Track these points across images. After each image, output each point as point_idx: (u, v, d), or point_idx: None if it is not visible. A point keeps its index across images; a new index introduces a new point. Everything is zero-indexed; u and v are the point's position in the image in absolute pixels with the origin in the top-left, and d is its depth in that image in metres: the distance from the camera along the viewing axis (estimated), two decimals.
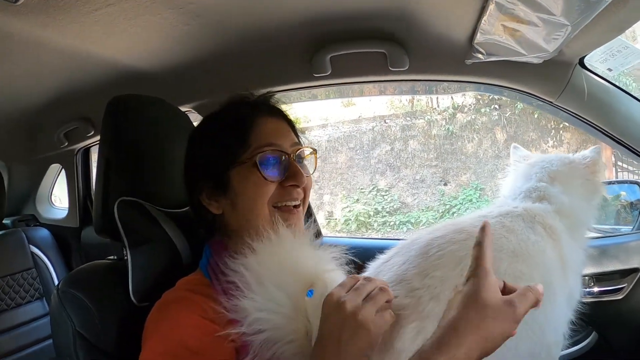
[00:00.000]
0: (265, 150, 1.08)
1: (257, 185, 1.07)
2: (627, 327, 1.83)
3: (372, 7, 1.55)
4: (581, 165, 1.49)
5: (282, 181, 1.10)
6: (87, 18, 1.48)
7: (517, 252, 1.19)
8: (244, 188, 1.08)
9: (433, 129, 9.67)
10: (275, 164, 1.09)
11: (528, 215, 1.31)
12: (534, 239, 1.24)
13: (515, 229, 1.25)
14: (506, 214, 1.31)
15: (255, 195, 1.08)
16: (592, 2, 1.11)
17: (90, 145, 2.86)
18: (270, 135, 1.11)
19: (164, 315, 1.00)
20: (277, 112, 1.19)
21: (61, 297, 1.15)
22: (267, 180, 1.07)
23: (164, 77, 2.00)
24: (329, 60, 1.81)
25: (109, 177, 1.26)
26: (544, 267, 1.22)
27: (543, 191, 1.41)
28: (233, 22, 1.62)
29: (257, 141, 1.09)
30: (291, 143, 1.14)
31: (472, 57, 1.59)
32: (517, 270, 1.16)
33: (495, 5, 1.24)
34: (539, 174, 1.48)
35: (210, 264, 1.10)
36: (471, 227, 1.22)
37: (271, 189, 1.08)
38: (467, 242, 1.16)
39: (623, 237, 1.92)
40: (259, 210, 1.08)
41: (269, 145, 1.09)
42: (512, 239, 1.21)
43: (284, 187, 1.10)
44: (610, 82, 1.72)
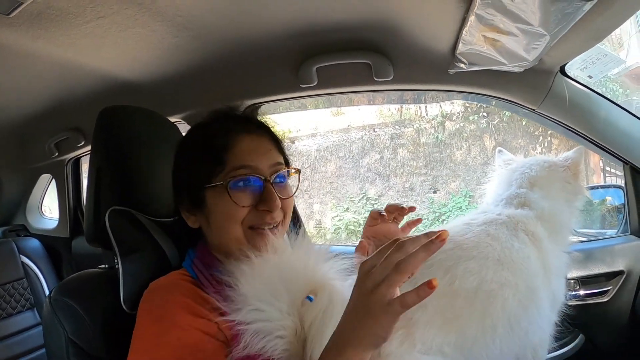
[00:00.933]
0: (238, 174, 1.06)
1: (228, 209, 1.06)
2: (612, 329, 1.85)
3: (356, 19, 1.58)
4: (560, 169, 1.50)
5: (256, 205, 1.07)
6: (78, 30, 1.50)
7: (502, 260, 1.22)
8: (216, 209, 1.08)
9: (422, 137, 9.65)
10: (248, 188, 1.07)
11: (511, 222, 1.34)
12: (517, 247, 1.27)
13: (500, 237, 1.27)
14: (490, 222, 1.33)
15: (226, 218, 1.07)
16: (568, 12, 1.14)
17: (80, 155, 2.86)
18: (246, 156, 1.08)
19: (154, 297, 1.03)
20: (259, 128, 1.16)
21: (53, 305, 1.16)
22: (239, 206, 1.06)
23: (154, 88, 2.02)
24: (315, 71, 1.83)
25: (100, 187, 1.28)
26: (528, 273, 1.25)
27: (524, 197, 1.43)
28: (220, 34, 1.64)
29: (231, 162, 1.06)
30: (270, 164, 1.11)
31: (454, 66, 1.62)
32: (502, 278, 1.19)
33: (475, 17, 1.26)
34: (519, 180, 1.50)
35: (195, 263, 1.12)
36: (457, 236, 1.26)
37: (243, 213, 1.06)
38: (454, 252, 1.20)
39: (608, 240, 1.94)
40: (231, 232, 1.07)
41: (243, 167, 1.07)
42: (496, 246, 1.24)
43: (258, 210, 1.07)
44: (590, 89, 1.75)
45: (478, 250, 1.23)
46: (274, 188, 1.09)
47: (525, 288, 1.22)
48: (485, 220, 1.34)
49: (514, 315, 1.19)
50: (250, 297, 0.95)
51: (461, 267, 1.17)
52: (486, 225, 1.32)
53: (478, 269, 1.18)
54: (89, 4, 1.35)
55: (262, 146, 1.12)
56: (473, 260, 1.20)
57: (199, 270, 1.09)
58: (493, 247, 1.24)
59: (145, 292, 1.05)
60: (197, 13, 1.46)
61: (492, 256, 1.22)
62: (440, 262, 1.16)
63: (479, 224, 1.32)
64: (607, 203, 2.11)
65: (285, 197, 1.12)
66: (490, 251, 1.23)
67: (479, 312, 1.15)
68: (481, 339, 1.16)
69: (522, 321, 1.21)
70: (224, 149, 1.07)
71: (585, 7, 1.12)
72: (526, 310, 1.22)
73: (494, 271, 1.19)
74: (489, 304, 1.16)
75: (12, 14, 1.32)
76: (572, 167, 1.50)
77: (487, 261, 1.21)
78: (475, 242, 1.24)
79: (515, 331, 1.20)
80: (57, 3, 1.33)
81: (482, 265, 1.19)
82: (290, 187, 1.17)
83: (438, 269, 1.15)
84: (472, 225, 1.32)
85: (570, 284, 1.80)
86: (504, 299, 1.18)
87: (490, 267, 1.20)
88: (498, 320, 1.17)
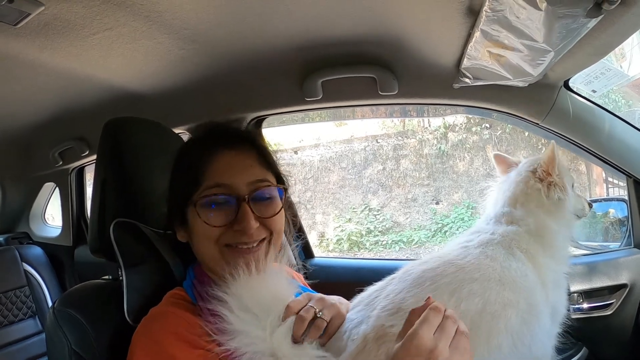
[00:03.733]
0: (210, 194, 1.05)
1: (203, 228, 1.05)
2: (616, 342, 1.85)
3: (362, 34, 1.59)
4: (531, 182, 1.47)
5: (230, 225, 1.05)
6: (85, 42, 1.51)
7: (503, 280, 1.22)
8: (194, 228, 1.08)
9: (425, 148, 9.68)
10: (221, 208, 1.05)
11: (505, 241, 1.34)
12: (515, 266, 1.27)
13: (498, 257, 1.28)
14: (486, 243, 1.33)
15: (202, 236, 1.06)
16: (573, 29, 1.15)
17: (84, 164, 2.87)
18: (221, 174, 1.06)
19: (151, 329, 1.01)
20: (242, 142, 1.13)
21: (57, 315, 1.16)
22: (210, 226, 1.04)
23: (159, 99, 2.03)
24: (320, 85, 1.84)
25: (104, 198, 1.28)
26: (528, 291, 1.25)
27: (510, 215, 1.43)
28: (226, 47, 1.65)
29: (206, 180, 1.05)
30: (249, 181, 1.07)
31: (459, 81, 1.63)
32: (504, 298, 1.19)
33: (480, 33, 1.27)
34: (502, 199, 1.49)
35: (195, 286, 1.10)
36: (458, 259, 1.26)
37: (216, 233, 1.05)
38: (457, 275, 1.20)
39: (611, 253, 1.95)
40: (207, 250, 1.07)
41: (217, 186, 1.05)
42: (496, 267, 1.24)
43: (233, 230, 1.05)
44: (594, 103, 1.76)
45: (480, 272, 1.22)
46: (251, 207, 1.06)
47: (526, 305, 1.22)
48: (480, 241, 1.34)
49: (517, 333, 1.19)
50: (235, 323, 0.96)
51: (465, 290, 1.17)
52: (483, 246, 1.32)
53: (482, 291, 1.18)
54: (96, 16, 1.36)
55: (242, 162, 1.09)
56: (476, 282, 1.20)
57: (198, 293, 1.08)
58: (493, 268, 1.24)
59: (142, 320, 1.04)
60: (204, 26, 1.47)
61: (494, 277, 1.22)
62: (446, 285, 1.17)
63: (475, 246, 1.32)
64: (610, 216, 2.11)
65: (267, 216, 1.09)
66: (491, 272, 1.23)
67: (485, 333, 1.15)
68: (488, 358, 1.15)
69: (525, 338, 1.21)
70: (201, 166, 1.06)
71: (590, 24, 1.12)
72: (529, 327, 1.22)
73: (497, 292, 1.19)
74: (493, 324, 1.16)
75: (19, 24, 1.33)
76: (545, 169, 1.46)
77: (489, 282, 1.20)
78: (476, 265, 1.24)
79: (519, 348, 1.20)
80: (64, 15, 1.34)
81: (485, 287, 1.19)
82: (278, 204, 1.12)
83: (444, 292, 1.15)
84: (469, 248, 1.31)
85: (573, 297, 1.80)
86: (507, 318, 1.18)
87: (493, 288, 1.20)
88: (503, 340, 1.17)
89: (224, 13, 1.41)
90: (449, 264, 1.22)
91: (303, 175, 9.68)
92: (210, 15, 1.41)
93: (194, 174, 1.06)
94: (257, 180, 1.08)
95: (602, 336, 1.85)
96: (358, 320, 1.11)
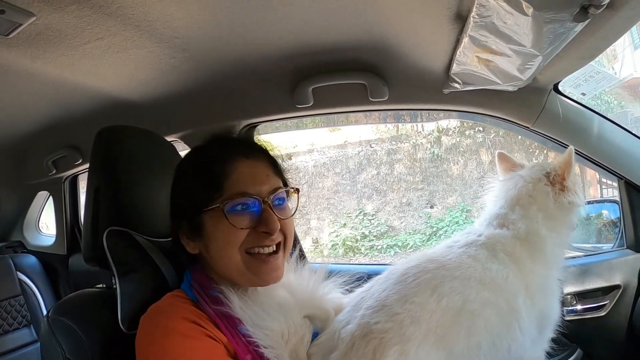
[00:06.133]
0: (237, 197, 1.06)
1: (227, 232, 1.06)
2: (610, 343, 1.85)
3: (351, 41, 1.60)
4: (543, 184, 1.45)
5: (255, 227, 1.07)
6: (77, 51, 1.51)
7: (483, 280, 1.23)
8: (215, 233, 1.07)
9: (418, 153, 9.70)
10: (246, 212, 1.07)
11: (490, 243, 1.34)
12: (496, 267, 1.27)
13: (480, 257, 1.28)
14: (470, 243, 1.34)
15: (225, 242, 1.07)
16: (560, 33, 1.16)
17: (78, 173, 2.87)
18: (245, 182, 1.08)
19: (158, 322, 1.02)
20: (257, 152, 1.16)
21: (51, 324, 1.16)
22: (237, 228, 1.05)
23: (151, 107, 2.03)
24: (311, 92, 1.85)
25: (97, 207, 1.28)
26: (509, 294, 1.26)
27: (503, 218, 1.42)
28: (217, 55, 1.66)
29: (230, 188, 1.06)
30: (269, 189, 1.11)
31: (449, 86, 1.63)
32: (484, 298, 1.20)
33: (469, 38, 1.28)
34: (503, 199, 1.48)
35: (194, 286, 1.11)
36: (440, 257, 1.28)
37: (242, 236, 1.06)
38: (439, 271, 1.22)
39: (604, 254, 1.95)
40: (230, 257, 1.07)
41: (242, 194, 1.07)
42: (477, 267, 1.25)
43: (257, 233, 1.07)
44: (584, 106, 1.78)
45: (460, 270, 1.24)
46: (273, 210, 1.09)
47: (507, 308, 1.23)
48: (466, 242, 1.35)
49: (497, 334, 1.21)
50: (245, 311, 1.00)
51: (447, 286, 1.18)
52: (466, 247, 1.33)
53: (462, 289, 1.20)
54: (87, 26, 1.37)
55: (261, 172, 1.12)
56: (457, 280, 1.21)
57: (198, 293, 1.09)
58: (475, 268, 1.25)
59: (142, 318, 1.04)
60: (194, 35, 1.48)
61: (474, 276, 1.23)
62: (427, 281, 1.18)
63: (460, 246, 1.33)
64: (603, 217, 2.12)
65: (285, 218, 1.12)
66: (472, 272, 1.24)
67: (464, 331, 1.16)
68: (467, 356, 1.17)
69: (504, 340, 1.22)
70: (223, 175, 1.07)
71: (577, 28, 1.13)
72: (508, 329, 1.24)
73: (477, 291, 1.21)
74: (472, 323, 1.18)
75: (11, 34, 1.34)
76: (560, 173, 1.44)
77: (469, 281, 1.22)
78: (457, 263, 1.26)
79: (499, 349, 1.22)
80: (56, 25, 1.35)
81: (465, 285, 1.21)
82: (290, 208, 1.17)
83: (426, 288, 1.17)
84: (453, 248, 1.33)
85: (567, 299, 1.80)
86: (486, 318, 1.19)
87: (473, 287, 1.21)
88: (482, 339, 1.19)
89: (214, 22, 1.42)
90: (430, 261, 1.24)
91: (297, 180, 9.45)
92: (201, 24, 1.42)
93: (216, 181, 1.07)
94: (276, 187, 1.12)
95: (596, 337, 1.86)
96: (346, 320, 1.14)
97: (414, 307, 1.12)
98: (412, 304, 1.13)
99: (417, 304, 1.13)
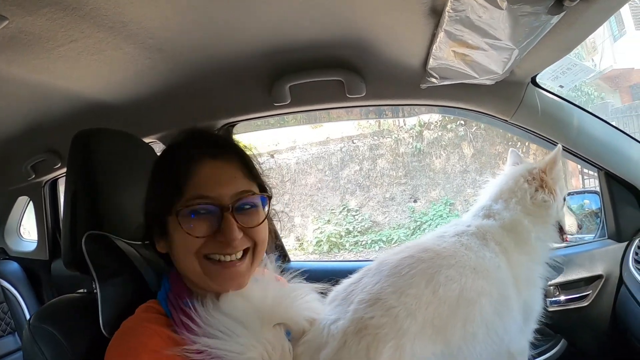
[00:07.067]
0: (194, 204, 1.02)
1: (183, 239, 1.02)
2: (594, 332, 1.88)
3: (328, 37, 1.59)
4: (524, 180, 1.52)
5: (214, 234, 1.03)
6: (52, 54, 1.49)
7: (477, 269, 1.26)
8: (174, 237, 1.04)
9: (401, 147, 9.77)
10: (204, 217, 1.02)
11: (480, 232, 1.38)
12: (489, 256, 1.31)
13: (472, 246, 1.32)
14: (461, 233, 1.37)
15: (181, 247, 1.03)
16: (536, 26, 1.16)
17: (57, 177, 2.84)
18: (205, 185, 1.03)
19: (123, 343, 1.00)
20: (227, 152, 1.10)
21: (33, 332, 1.15)
22: (192, 236, 1.02)
23: (128, 109, 2.01)
24: (288, 90, 1.85)
25: (76, 211, 1.26)
26: (501, 282, 1.29)
27: (488, 209, 1.48)
28: (193, 55, 1.65)
29: (189, 192, 1.02)
30: (233, 193, 1.04)
31: (426, 81, 1.64)
32: (479, 286, 1.23)
33: (444, 33, 1.28)
34: (490, 193, 1.55)
35: (169, 298, 1.08)
36: (435, 245, 1.29)
37: (197, 243, 1.02)
38: (434, 260, 1.23)
39: (586, 245, 1.98)
40: (187, 262, 1.04)
41: (201, 197, 1.02)
42: (471, 256, 1.28)
43: (216, 241, 1.03)
44: (562, 98, 1.79)
45: (456, 259, 1.26)
46: (235, 217, 1.03)
47: (498, 296, 1.26)
48: (456, 232, 1.38)
49: (491, 323, 1.23)
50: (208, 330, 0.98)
51: (443, 275, 1.19)
52: (458, 236, 1.36)
53: (458, 277, 1.22)
54: (60, 29, 1.35)
55: (226, 173, 1.07)
56: (452, 268, 1.23)
57: (172, 305, 1.06)
58: (468, 257, 1.28)
59: (115, 333, 1.02)
60: (169, 35, 1.47)
61: (469, 265, 1.26)
62: (423, 271, 1.19)
63: (451, 235, 1.36)
64: (584, 208, 2.14)
65: (250, 226, 1.06)
66: (466, 260, 1.27)
67: (461, 320, 1.18)
68: (464, 346, 1.19)
69: (498, 328, 1.25)
70: (184, 177, 1.03)
71: (553, 21, 1.14)
72: (501, 318, 1.26)
73: (472, 279, 1.23)
74: (469, 311, 1.20)
75: None
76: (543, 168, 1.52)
77: (465, 269, 1.24)
78: (452, 252, 1.28)
79: (492, 338, 1.24)
80: (29, 28, 1.32)
81: (461, 273, 1.23)
82: (261, 213, 1.10)
83: (422, 278, 1.17)
84: (445, 237, 1.36)
85: (550, 290, 1.82)
86: (481, 306, 1.22)
87: (468, 275, 1.23)
88: (478, 328, 1.21)
89: (188, 21, 1.41)
90: (425, 250, 1.26)
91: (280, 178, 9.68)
92: (175, 23, 1.41)
93: (176, 183, 1.03)
94: (241, 191, 1.06)
95: (579, 327, 1.88)
96: (336, 316, 1.13)
97: (409, 300, 1.13)
98: (407, 297, 1.13)
99: (412, 296, 1.13)
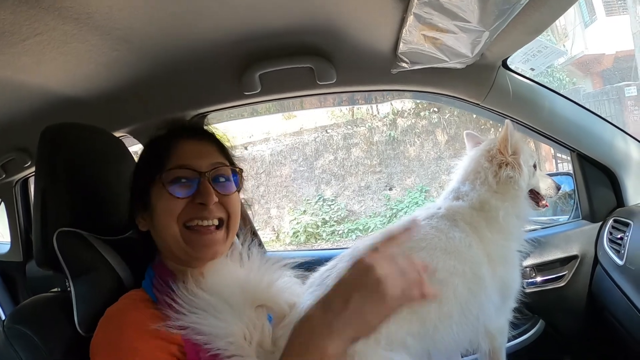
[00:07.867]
0: (176, 170, 1.10)
1: (166, 203, 1.09)
2: (571, 312, 1.92)
3: (296, 24, 1.58)
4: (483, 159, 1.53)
5: (192, 198, 1.10)
6: (16, 48, 1.45)
7: (448, 250, 1.30)
8: (157, 205, 1.10)
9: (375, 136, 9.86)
10: (184, 183, 1.10)
11: (449, 214, 1.42)
12: (459, 236, 1.34)
13: (442, 228, 1.35)
14: (432, 216, 1.41)
15: (164, 212, 1.10)
16: (505, 8, 1.16)
17: (28, 176, 2.80)
18: (185, 157, 1.12)
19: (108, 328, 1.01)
20: (201, 134, 1.21)
21: (7, 334, 1.13)
22: (175, 197, 1.09)
23: (97, 103, 1.97)
24: (257, 78, 1.83)
25: (46, 208, 1.24)
26: (473, 261, 1.33)
27: (457, 191, 1.51)
28: (161, 45, 1.62)
29: (171, 163, 1.10)
30: (210, 164, 1.14)
31: (397, 66, 1.64)
32: (450, 266, 1.27)
33: (414, 17, 1.28)
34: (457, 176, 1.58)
35: (155, 285, 1.10)
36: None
37: (179, 206, 1.09)
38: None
39: (561, 226, 2.02)
40: (169, 228, 1.09)
41: (181, 166, 1.10)
42: (442, 237, 1.32)
43: (195, 204, 1.10)
44: (533, 81, 1.81)
45: (426, 241, 1.30)
46: (211, 184, 1.12)
47: (472, 275, 1.30)
48: (427, 215, 1.42)
49: (465, 301, 1.28)
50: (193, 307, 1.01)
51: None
52: (428, 219, 1.40)
53: (429, 259, 1.26)
54: (24, 22, 1.31)
55: (204, 148, 1.17)
56: (423, 250, 1.28)
57: (157, 290, 1.08)
58: (439, 238, 1.32)
59: (100, 319, 1.03)
60: (136, 25, 1.44)
61: (440, 246, 1.30)
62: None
63: (422, 219, 1.40)
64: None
65: (225, 194, 1.15)
66: (437, 242, 1.31)
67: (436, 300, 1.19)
68: (440, 326, 1.23)
69: (472, 307, 1.29)
70: (166, 151, 1.12)
71: (522, 2, 1.14)
72: (475, 297, 1.30)
73: (444, 260, 1.28)
74: (443, 292, 1.23)
75: None
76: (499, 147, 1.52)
77: (435, 251, 1.28)
78: (422, 235, 1.32)
79: (467, 317, 1.28)
80: None
81: (432, 255, 1.27)
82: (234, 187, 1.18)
83: None
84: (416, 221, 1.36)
85: (526, 271, 1.85)
86: (454, 286, 1.26)
87: (439, 256, 1.28)
88: (452, 307, 1.25)
89: (154, 10, 1.38)
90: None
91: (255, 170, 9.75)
92: (141, 13, 1.38)
93: (160, 158, 1.12)
94: (217, 162, 1.16)
95: (557, 307, 1.91)
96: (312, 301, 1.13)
97: None
98: None
99: None
